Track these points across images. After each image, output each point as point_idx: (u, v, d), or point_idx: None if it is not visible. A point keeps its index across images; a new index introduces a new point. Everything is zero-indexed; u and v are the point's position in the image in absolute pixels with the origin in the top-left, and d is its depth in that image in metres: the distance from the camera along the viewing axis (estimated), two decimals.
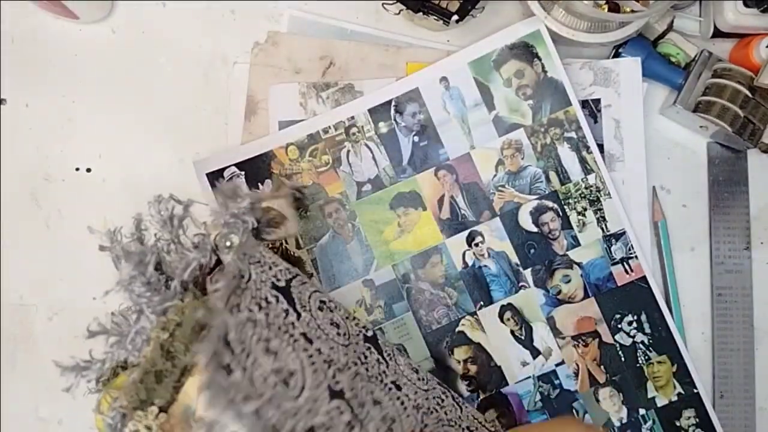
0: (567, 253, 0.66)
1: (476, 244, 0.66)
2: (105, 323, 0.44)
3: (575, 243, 0.66)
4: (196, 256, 0.43)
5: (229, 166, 0.66)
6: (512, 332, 0.66)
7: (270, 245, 0.49)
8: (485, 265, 0.66)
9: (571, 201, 0.66)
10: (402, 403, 0.48)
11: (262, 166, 0.66)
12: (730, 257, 0.68)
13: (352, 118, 0.66)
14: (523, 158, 0.66)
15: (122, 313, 0.44)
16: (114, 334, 0.43)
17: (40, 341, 0.67)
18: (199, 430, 0.36)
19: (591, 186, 0.66)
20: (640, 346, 0.65)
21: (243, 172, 0.66)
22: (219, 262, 0.45)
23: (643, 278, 0.66)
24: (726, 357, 0.67)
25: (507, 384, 0.65)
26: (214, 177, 0.66)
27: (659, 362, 0.65)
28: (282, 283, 0.45)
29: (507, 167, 0.66)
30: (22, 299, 0.68)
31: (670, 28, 0.67)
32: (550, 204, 0.66)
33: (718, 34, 0.67)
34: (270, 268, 0.45)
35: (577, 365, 0.66)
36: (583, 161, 0.66)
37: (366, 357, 0.48)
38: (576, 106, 0.65)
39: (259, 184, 0.66)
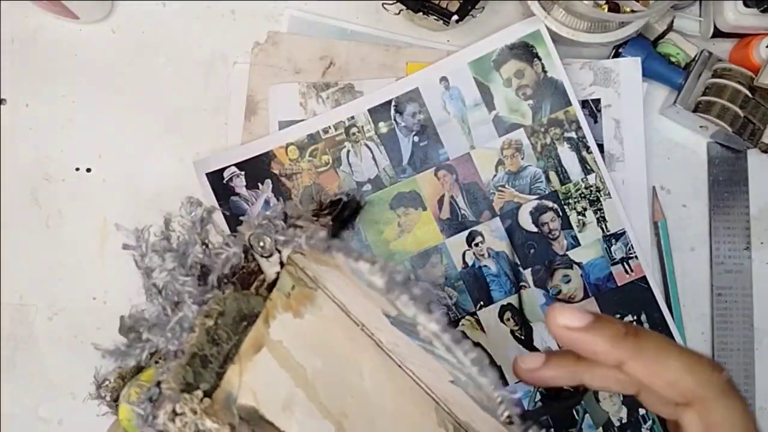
0: (567, 253, 0.66)
1: (476, 244, 0.66)
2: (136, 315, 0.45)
3: (575, 243, 0.66)
4: (236, 251, 0.45)
5: (229, 166, 0.66)
6: (512, 332, 0.66)
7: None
8: (485, 265, 0.66)
9: (571, 201, 0.66)
10: None
11: (262, 166, 0.66)
12: (730, 257, 0.68)
13: (352, 118, 0.66)
14: (523, 158, 0.66)
15: (161, 304, 0.44)
16: (154, 323, 0.43)
17: (40, 341, 0.68)
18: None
19: (591, 186, 0.66)
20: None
21: (243, 172, 0.66)
22: (252, 260, 0.47)
23: (643, 278, 0.66)
24: (726, 357, 0.67)
25: (507, 384, 0.65)
26: (214, 177, 0.66)
27: None
28: None
29: (507, 167, 0.66)
30: (22, 299, 0.68)
31: (670, 28, 0.67)
32: (550, 204, 0.66)
33: (718, 34, 0.67)
34: None
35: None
36: (583, 161, 0.66)
37: None
38: (576, 106, 0.65)
39: (259, 184, 0.66)
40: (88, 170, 0.68)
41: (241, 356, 0.42)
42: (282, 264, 0.46)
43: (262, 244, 0.44)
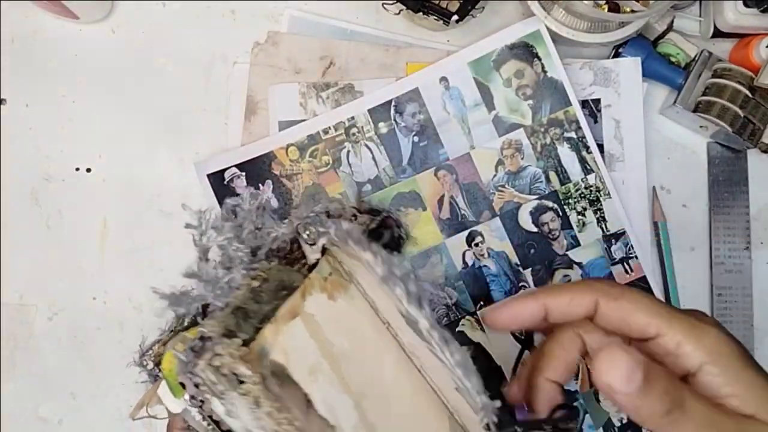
0: (567, 253, 0.66)
1: (476, 244, 0.66)
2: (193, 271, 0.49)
3: (575, 243, 0.66)
4: (285, 231, 0.50)
5: (230, 167, 0.66)
6: (512, 332, 0.66)
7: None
8: (485, 265, 0.66)
9: (570, 201, 0.66)
10: None
11: (263, 167, 0.66)
12: (730, 257, 0.68)
13: (352, 118, 0.66)
14: (522, 158, 0.66)
15: (215, 267, 0.49)
16: (207, 280, 0.48)
17: (40, 341, 0.68)
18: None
19: (591, 186, 0.66)
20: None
21: (244, 173, 0.66)
22: (295, 250, 0.52)
23: (644, 278, 0.66)
24: None
25: (507, 384, 0.65)
26: (215, 178, 0.66)
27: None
28: None
29: (507, 167, 0.66)
30: (22, 299, 0.68)
31: (670, 28, 0.67)
32: (550, 204, 0.66)
33: (718, 34, 0.67)
34: None
35: (577, 365, 0.66)
36: (582, 161, 0.66)
37: None
38: (576, 106, 0.65)
39: (260, 185, 0.66)
40: (88, 170, 0.68)
41: (278, 318, 0.46)
42: (323, 252, 0.50)
43: (308, 232, 0.50)
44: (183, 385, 0.44)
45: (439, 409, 0.51)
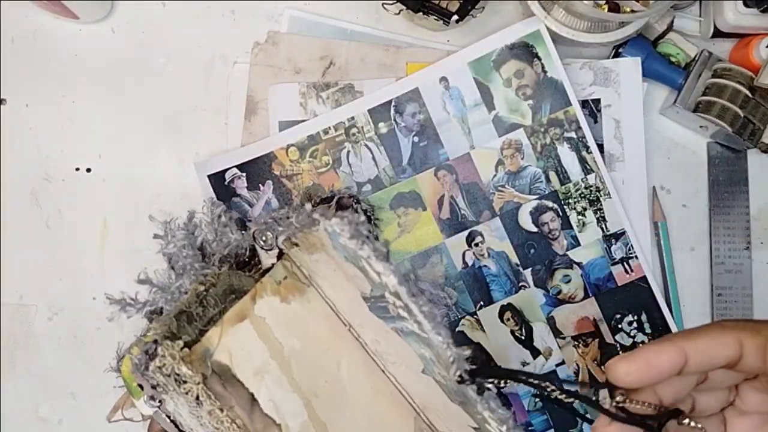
0: (567, 253, 0.66)
1: (476, 244, 0.66)
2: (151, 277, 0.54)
3: (575, 243, 0.66)
4: (237, 238, 0.53)
5: (231, 168, 0.66)
6: (512, 332, 0.66)
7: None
8: (485, 265, 0.66)
9: (571, 201, 0.66)
10: None
11: (263, 168, 0.66)
12: (730, 257, 0.68)
13: (352, 118, 0.66)
14: (522, 158, 0.66)
15: (169, 274, 0.53)
16: (158, 286, 0.52)
17: (40, 341, 0.68)
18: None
19: (591, 186, 0.66)
20: (641, 346, 0.65)
21: (244, 174, 0.66)
22: (253, 257, 0.55)
23: (644, 278, 0.66)
24: None
25: (507, 384, 0.65)
26: (216, 178, 0.66)
27: None
28: None
29: (507, 167, 0.66)
30: (22, 299, 0.68)
31: (670, 28, 0.66)
32: (550, 204, 0.66)
33: (718, 34, 0.67)
34: None
35: (578, 365, 0.66)
36: (582, 161, 0.66)
37: None
38: (576, 106, 0.65)
39: (260, 185, 0.66)
40: (88, 170, 0.68)
41: (224, 321, 0.48)
42: (280, 257, 0.52)
43: (264, 238, 0.52)
44: (141, 387, 0.47)
45: (404, 409, 0.52)
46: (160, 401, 0.47)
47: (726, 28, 0.66)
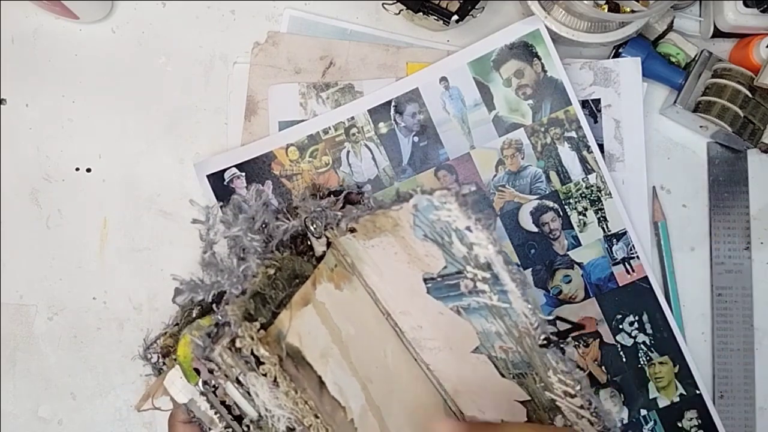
0: (568, 253, 0.66)
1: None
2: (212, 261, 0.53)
3: (576, 243, 0.66)
4: (294, 224, 0.54)
5: (230, 168, 0.66)
6: None
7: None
8: None
9: (571, 201, 0.66)
10: None
11: (263, 167, 0.66)
12: (730, 257, 0.68)
13: (352, 118, 0.66)
14: (523, 158, 0.66)
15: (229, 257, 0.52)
16: (222, 269, 0.51)
17: (40, 341, 0.68)
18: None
19: (591, 186, 0.66)
20: (642, 346, 0.65)
21: (244, 174, 0.66)
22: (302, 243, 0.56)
23: (645, 278, 0.66)
24: (726, 357, 0.67)
25: None
26: (215, 178, 0.66)
27: (661, 363, 0.65)
28: None
29: (507, 167, 0.66)
30: (22, 299, 0.68)
31: (670, 28, 0.67)
32: (551, 204, 0.66)
33: (718, 34, 0.67)
34: None
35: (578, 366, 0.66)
36: (583, 161, 0.66)
37: None
38: (576, 106, 0.65)
39: (260, 185, 0.66)
40: (88, 170, 0.68)
41: (292, 305, 0.50)
42: (329, 245, 0.54)
43: (314, 226, 0.54)
44: (197, 371, 0.47)
45: (435, 396, 0.53)
46: (215, 386, 0.48)
47: (726, 28, 0.66)
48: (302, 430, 0.47)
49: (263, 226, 0.54)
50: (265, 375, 0.46)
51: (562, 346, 0.48)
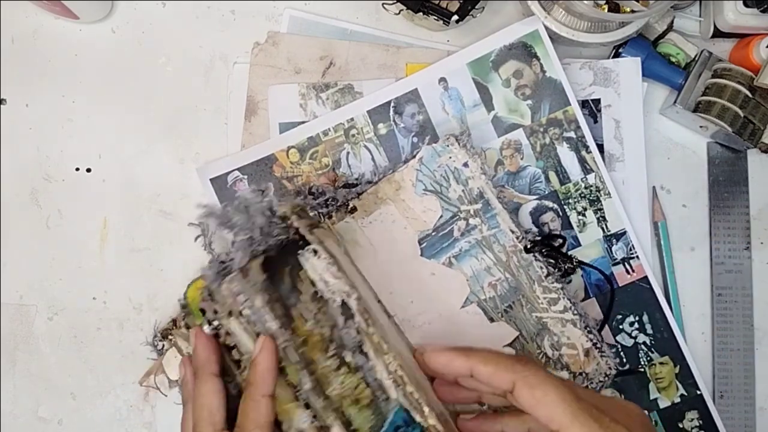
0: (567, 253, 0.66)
1: None
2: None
3: (575, 243, 0.66)
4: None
5: (233, 171, 0.66)
6: None
7: None
8: None
9: (570, 201, 0.66)
10: None
11: (264, 170, 0.66)
12: (730, 257, 0.68)
13: (352, 119, 0.66)
14: (522, 158, 0.66)
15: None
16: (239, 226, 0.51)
17: (40, 341, 0.68)
18: None
19: (591, 186, 0.66)
20: (642, 347, 0.65)
21: (246, 176, 0.66)
22: None
23: (645, 278, 0.66)
24: (726, 357, 0.67)
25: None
26: (218, 182, 0.66)
27: (661, 363, 0.65)
28: None
29: (506, 167, 0.66)
30: (22, 299, 0.68)
31: (670, 28, 0.66)
32: (550, 204, 0.66)
33: (718, 34, 0.67)
34: None
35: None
36: (582, 161, 0.66)
37: None
38: (575, 106, 0.65)
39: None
40: (88, 170, 0.68)
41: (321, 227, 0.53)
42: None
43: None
44: (202, 312, 0.48)
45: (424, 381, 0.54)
46: (217, 327, 0.48)
47: (726, 28, 0.66)
48: (357, 297, 0.48)
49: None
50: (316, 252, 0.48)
51: (542, 249, 0.60)
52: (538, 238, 0.63)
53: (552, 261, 0.63)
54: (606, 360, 0.61)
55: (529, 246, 0.61)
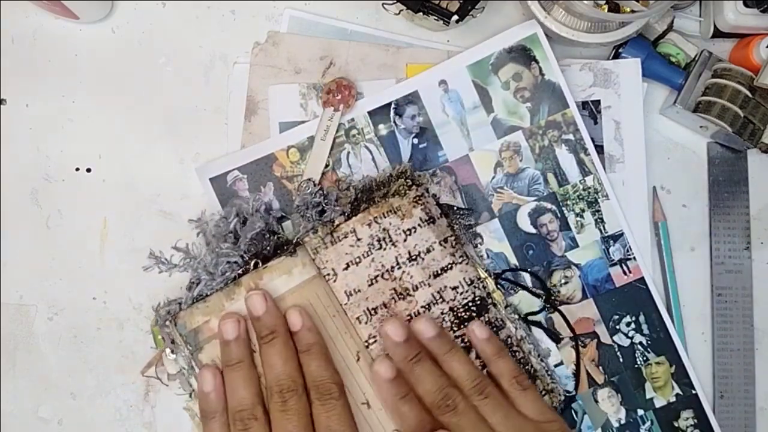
0: (565, 254, 0.66)
1: (475, 246, 0.66)
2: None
3: (573, 244, 0.66)
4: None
5: (232, 170, 0.66)
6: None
7: None
8: None
9: (569, 202, 0.66)
10: None
11: (264, 169, 0.66)
12: (730, 257, 0.68)
13: (352, 120, 0.66)
14: (521, 160, 0.66)
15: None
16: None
17: (40, 341, 0.68)
18: None
19: (589, 187, 0.66)
20: (639, 347, 0.65)
21: (246, 176, 0.66)
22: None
23: (642, 279, 0.66)
24: (726, 357, 0.67)
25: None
26: (217, 181, 0.66)
27: (657, 363, 0.65)
28: None
29: (505, 169, 0.66)
30: (22, 299, 0.68)
31: (670, 28, 0.66)
32: (549, 205, 0.66)
33: (718, 34, 0.67)
34: None
35: (576, 366, 0.66)
36: (580, 163, 0.66)
37: None
38: (573, 108, 0.65)
39: (261, 187, 0.66)
40: (88, 170, 0.68)
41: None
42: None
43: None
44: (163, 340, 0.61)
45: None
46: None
47: (726, 28, 0.66)
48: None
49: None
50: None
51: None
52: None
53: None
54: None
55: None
